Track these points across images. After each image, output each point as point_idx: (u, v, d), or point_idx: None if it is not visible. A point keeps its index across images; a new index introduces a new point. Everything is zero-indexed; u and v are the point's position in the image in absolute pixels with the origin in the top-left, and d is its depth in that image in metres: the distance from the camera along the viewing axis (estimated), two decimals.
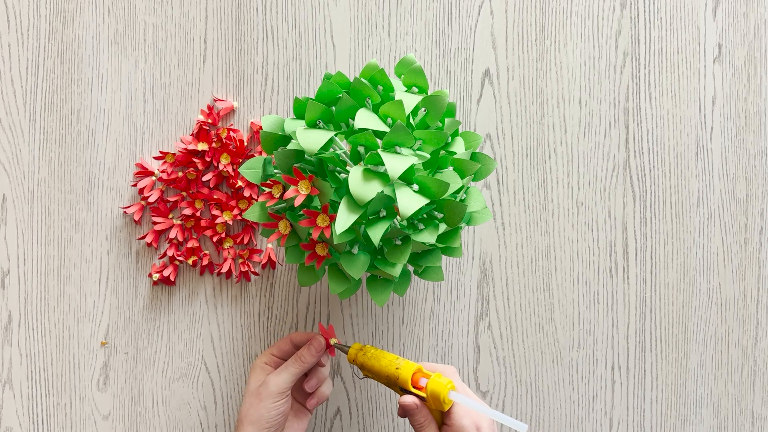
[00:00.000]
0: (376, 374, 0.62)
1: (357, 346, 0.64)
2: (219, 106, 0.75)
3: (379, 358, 0.62)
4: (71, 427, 0.75)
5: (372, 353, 0.63)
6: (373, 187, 0.54)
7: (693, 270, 0.77)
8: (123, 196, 0.75)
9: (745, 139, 0.78)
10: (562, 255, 0.76)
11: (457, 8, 0.76)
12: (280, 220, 0.60)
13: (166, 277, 0.74)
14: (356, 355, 0.63)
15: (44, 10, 0.75)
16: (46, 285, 0.75)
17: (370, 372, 0.62)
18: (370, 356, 0.62)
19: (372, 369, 0.62)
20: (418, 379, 0.60)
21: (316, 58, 0.75)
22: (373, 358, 0.62)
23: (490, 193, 0.76)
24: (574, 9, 0.76)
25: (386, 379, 0.61)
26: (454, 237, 0.61)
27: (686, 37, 0.77)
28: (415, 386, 0.60)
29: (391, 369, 0.61)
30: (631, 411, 0.77)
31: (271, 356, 0.67)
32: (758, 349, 0.78)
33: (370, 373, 0.62)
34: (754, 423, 0.78)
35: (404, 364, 0.60)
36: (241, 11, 0.75)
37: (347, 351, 0.64)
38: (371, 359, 0.62)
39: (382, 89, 0.61)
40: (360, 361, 0.63)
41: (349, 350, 0.64)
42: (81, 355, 0.75)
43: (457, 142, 0.62)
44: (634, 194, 0.77)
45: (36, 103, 0.75)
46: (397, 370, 0.60)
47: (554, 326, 0.76)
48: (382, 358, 0.62)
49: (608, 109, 0.77)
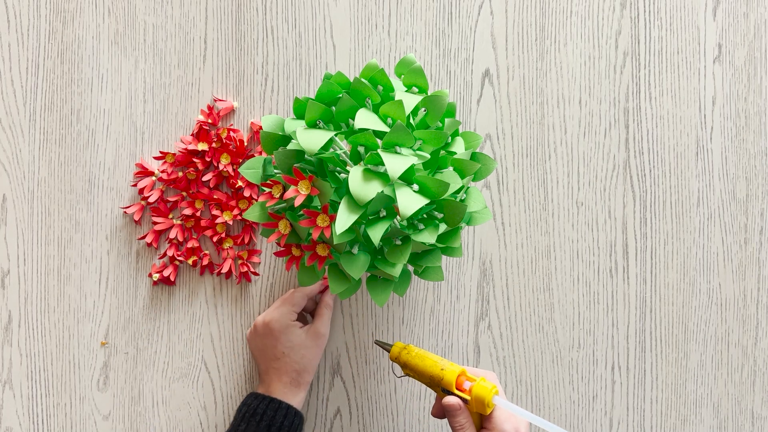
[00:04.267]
0: (419, 374, 0.62)
1: (400, 345, 0.65)
2: (219, 106, 0.75)
3: (423, 358, 0.63)
4: (71, 427, 0.75)
5: (416, 353, 0.63)
6: (373, 187, 0.54)
7: (693, 270, 0.77)
8: (123, 196, 0.75)
9: (745, 139, 0.77)
10: (562, 255, 0.76)
11: (457, 8, 0.76)
12: (280, 220, 0.60)
13: (166, 277, 0.74)
14: (400, 353, 0.64)
15: (44, 10, 0.75)
16: (46, 285, 0.75)
17: (412, 371, 0.63)
18: (414, 355, 0.63)
19: (416, 368, 0.63)
20: (462, 381, 0.61)
21: (316, 58, 0.75)
22: (417, 357, 0.63)
23: (490, 193, 0.76)
24: (574, 9, 0.76)
25: (429, 379, 0.62)
26: (454, 237, 0.61)
27: (686, 37, 0.77)
28: (459, 388, 0.60)
29: (435, 370, 0.61)
30: (631, 411, 0.77)
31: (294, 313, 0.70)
32: (758, 349, 0.78)
33: (412, 372, 0.63)
34: (754, 423, 0.78)
35: (449, 365, 0.61)
36: (241, 11, 0.75)
37: (389, 349, 0.65)
38: (415, 358, 0.63)
39: (382, 89, 0.61)
40: (403, 360, 0.64)
41: (392, 348, 0.65)
42: (81, 355, 0.75)
43: (457, 142, 0.62)
44: (634, 194, 0.77)
45: (36, 103, 0.75)
46: (442, 371, 0.61)
47: (554, 326, 0.76)
48: (427, 359, 0.63)
49: (608, 109, 0.77)
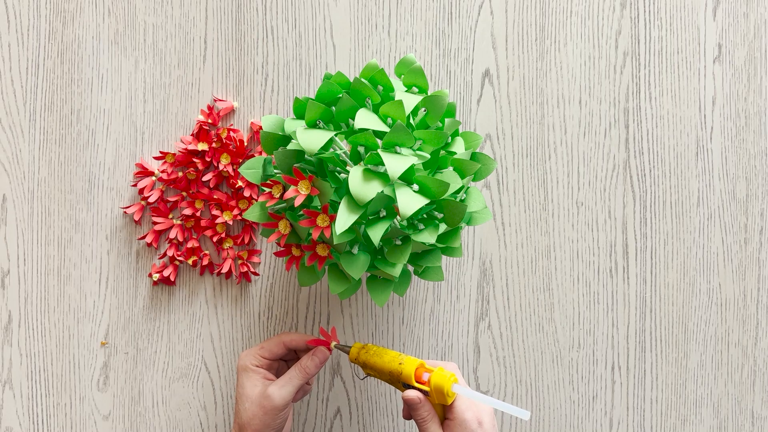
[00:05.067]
0: (378, 371, 0.62)
1: (358, 345, 0.64)
2: (219, 106, 0.75)
3: (381, 354, 0.62)
4: (71, 427, 0.75)
5: (374, 350, 0.63)
6: (373, 187, 0.54)
7: (693, 270, 0.77)
8: (123, 196, 0.75)
9: (745, 139, 0.78)
10: (562, 255, 0.76)
11: (457, 8, 0.76)
12: (280, 220, 0.60)
13: (166, 277, 0.74)
14: (358, 353, 0.63)
15: (44, 10, 0.75)
16: (46, 285, 0.75)
17: (372, 370, 0.62)
18: (373, 353, 0.62)
19: (375, 366, 0.62)
20: (421, 374, 0.60)
21: (316, 58, 0.75)
22: (376, 355, 0.62)
23: (490, 193, 0.76)
24: (574, 9, 0.76)
25: (389, 375, 0.61)
26: (454, 237, 0.61)
27: (686, 37, 0.77)
28: (418, 381, 0.60)
29: (393, 365, 0.61)
30: (631, 411, 0.77)
31: (261, 358, 0.65)
32: (758, 349, 0.78)
33: (372, 371, 0.62)
34: (754, 423, 0.78)
35: (407, 359, 0.61)
36: (241, 11, 0.75)
37: (348, 351, 0.64)
38: (374, 356, 0.62)
39: (382, 89, 0.61)
40: (362, 360, 0.63)
41: (350, 350, 0.64)
42: (81, 355, 0.75)
43: (457, 142, 0.62)
44: (634, 194, 0.77)
45: (36, 103, 0.75)
46: (400, 365, 0.60)
47: (554, 326, 0.76)
48: (385, 355, 0.62)
49: (608, 109, 0.77)
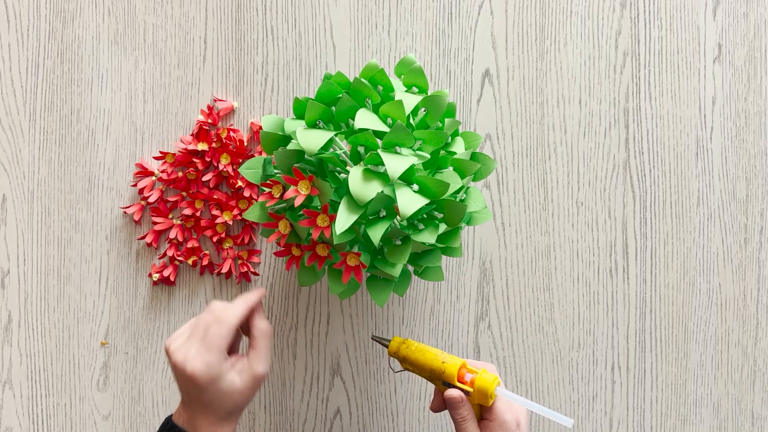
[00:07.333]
0: (419, 368, 0.62)
1: (399, 339, 0.64)
2: (219, 106, 0.75)
3: (423, 351, 0.62)
4: (71, 427, 0.75)
5: (416, 347, 0.63)
6: (373, 187, 0.54)
7: (693, 270, 0.77)
8: (123, 196, 0.75)
9: (745, 139, 0.77)
10: (562, 255, 0.76)
11: (457, 8, 0.76)
12: (280, 220, 0.60)
13: (166, 277, 0.74)
14: (399, 347, 0.64)
15: (44, 10, 0.75)
16: (46, 285, 0.75)
17: (412, 365, 0.63)
18: (414, 349, 0.63)
19: (416, 362, 0.62)
20: (463, 374, 0.60)
21: (316, 58, 0.75)
22: (417, 351, 0.62)
23: (490, 193, 0.76)
24: (574, 9, 0.76)
25: (429, 372, 0.61)
26: (454, 237, 0.61)
27: (686, 37, 0.77)
28: (460, 381, 0.60)
29: (436, 363, 0.61)
30: (631, 411, 0.77)
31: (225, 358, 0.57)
32: (758, 349, 0.78)
33: (411, 366, 0.63)
34: (754, 423, 0.78)
35: (450, 358, 0.61)
36: (241, 11, 0.75)
37: (387, 344, 0.65)
38: (415, 352, 0.62)
39: (382, 89, 0.61)
40: (403, 354, 0.63)
41: (390, 343, 0.64)
42: (81, 355, 0.75)
43: (457, 142, 0.62)
44: (634, 194, 0.77)
45: (36, 103, 0.75)
46: (444, 364, 0.60)
47: (554, 326, 0.76)
48: (427, 352, 0.62)
49: (608, 109, 0.77)
